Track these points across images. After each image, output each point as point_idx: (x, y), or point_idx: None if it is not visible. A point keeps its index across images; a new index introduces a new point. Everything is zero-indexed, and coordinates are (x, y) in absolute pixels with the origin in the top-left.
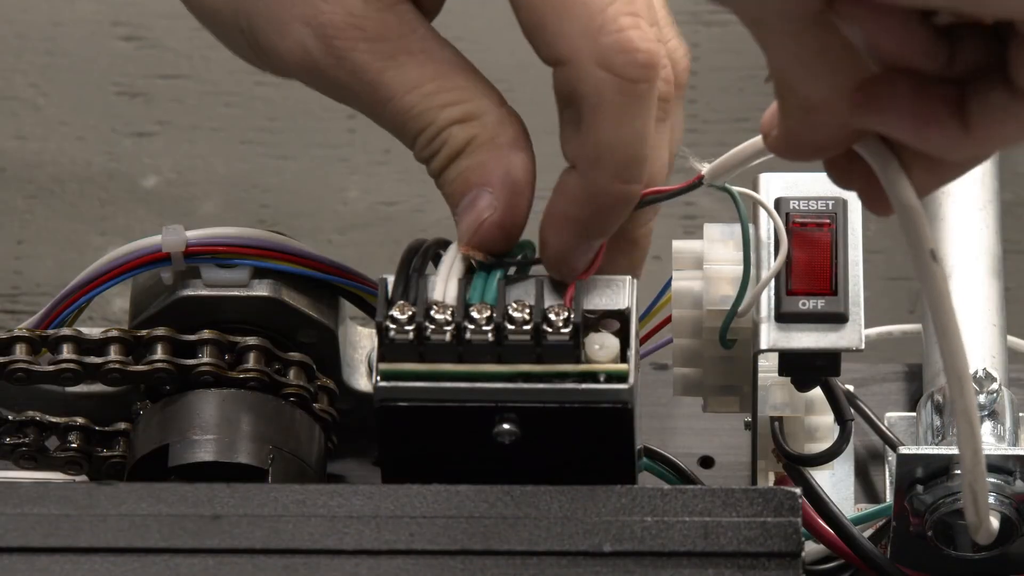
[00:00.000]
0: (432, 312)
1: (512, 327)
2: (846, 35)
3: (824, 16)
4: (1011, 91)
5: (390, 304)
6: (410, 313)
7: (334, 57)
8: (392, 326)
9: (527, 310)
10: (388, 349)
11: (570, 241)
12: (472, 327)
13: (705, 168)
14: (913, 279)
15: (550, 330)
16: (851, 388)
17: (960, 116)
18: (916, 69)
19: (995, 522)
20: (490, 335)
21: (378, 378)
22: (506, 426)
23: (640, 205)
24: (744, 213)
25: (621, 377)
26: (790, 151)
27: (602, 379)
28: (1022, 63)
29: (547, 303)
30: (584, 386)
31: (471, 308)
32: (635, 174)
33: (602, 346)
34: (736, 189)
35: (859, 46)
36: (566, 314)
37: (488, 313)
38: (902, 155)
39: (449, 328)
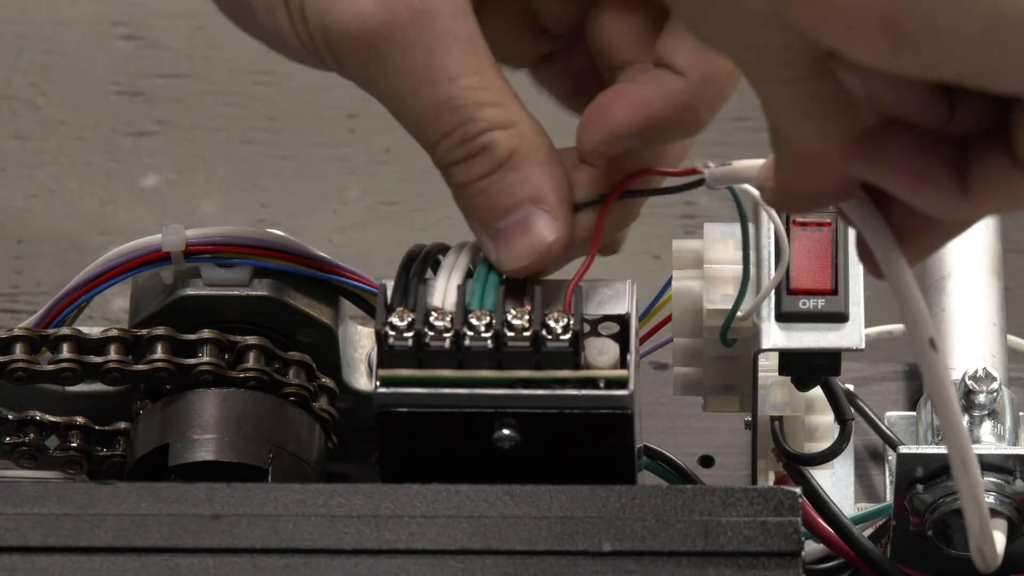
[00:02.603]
0: (431, 319)
1: (511, 334)
2: (846, 84)
3: (824, 65)
4: (1012, 161)
5: (389, 310)
6: (409, 320)
7: (389, 25)
8: (391, 333)
9: (526, 317)
10: (387, 356)
11: (630, 127)
12: (471, 334)
13: (708, 170)
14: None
15: (549, 337)
16: (851, 387)
17: (959, 178)
18: (915, 123)
19: (1000, 544)
20: (489, 342)
21: (378, 383)
22: (506, 431)
23: (632, 194)
24: (744, 211)
25: (621, 383)
26: (786, 202)
27: (602, 385)
28: None
29: (546, 309)
30: (584, 392)
31: (470, 315)
32: (713, 113)
33: (602, 351)
34: (738, 186)
35: (858, 96)
36: (565, 320)
37: (487, 320)
38: (894, 221)
39: (448, 335)
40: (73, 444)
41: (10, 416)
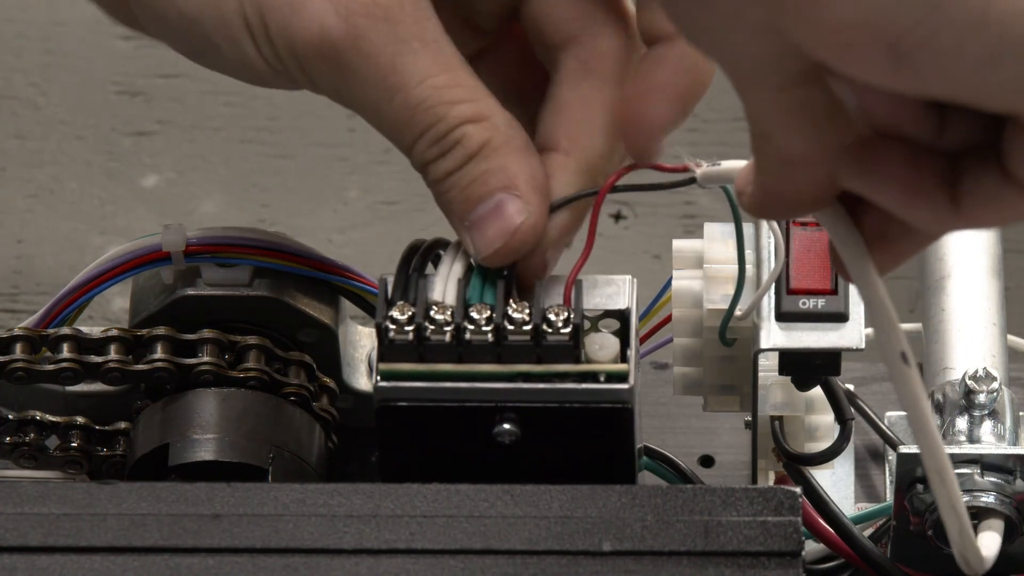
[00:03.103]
0: (432, 313)
1: (512, 327)
2: (837, 94)
3: (815, 72)
4: (1004, 177)
5: (390, 304)
6: (410, 313)
7: (352, 36)
8: (392, 327)
9: (527, 310)
10: (388, 350)
11: (673, 115)
12: (472, 328)
13: (700, 169)
14: (913, 278)
15: (550, 330)
16: (851, 387)
17: (950, 192)
18: (906, 135)
19: (990, 552)
20: (490, 336)
21: (378, 378)
22: (506, 426)
23: (615, 190)
24: (737, 210)
25: (621, 377)
26: (765, 208)
27: (602, 379)
28: (1018, 152)
29: (547, 303)
30: (584, 386)
31: (471, 308)
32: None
33: (602, 346)
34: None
35: (849, 105)
36: (566, 314)
37: (488, 313)
38: (868, 229)
39: (449, 329)
40: (73, 444)
41: (10, 416)
